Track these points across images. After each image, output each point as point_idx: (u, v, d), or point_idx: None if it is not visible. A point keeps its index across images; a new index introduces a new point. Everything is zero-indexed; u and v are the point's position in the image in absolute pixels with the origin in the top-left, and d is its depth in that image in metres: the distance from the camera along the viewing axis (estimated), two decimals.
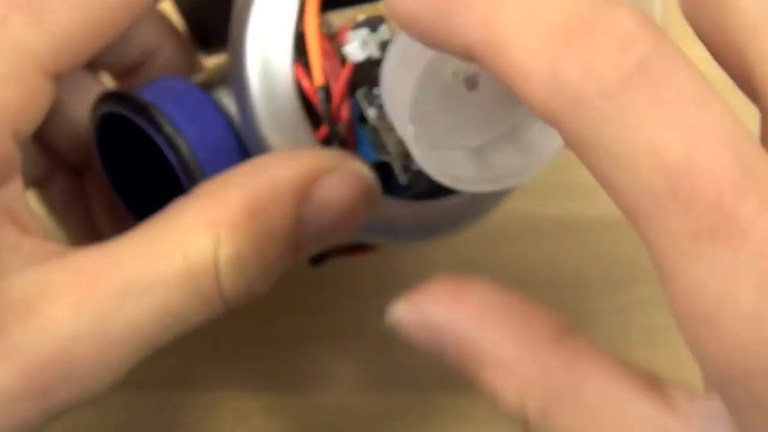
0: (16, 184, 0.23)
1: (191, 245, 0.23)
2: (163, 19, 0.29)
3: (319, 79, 0.24)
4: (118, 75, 0.29)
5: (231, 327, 0.32)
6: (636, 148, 0.17)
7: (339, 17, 0.25)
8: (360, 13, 0.25)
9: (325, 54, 0.24)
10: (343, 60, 0.25)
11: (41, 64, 0.22)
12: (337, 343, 0.35)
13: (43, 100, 0.23)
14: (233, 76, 0.25)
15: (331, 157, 0.25)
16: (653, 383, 0.20)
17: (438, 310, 0.22)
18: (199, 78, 0.28)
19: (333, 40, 0.25)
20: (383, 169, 0.25)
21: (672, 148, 0.16)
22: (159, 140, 0.25)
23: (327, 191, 0.24)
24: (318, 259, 0.27)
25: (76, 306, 0.22)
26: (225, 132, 0.26)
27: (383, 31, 0.24)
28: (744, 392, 0.17)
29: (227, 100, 0.26)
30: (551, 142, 0.23)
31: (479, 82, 0.23)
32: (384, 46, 0.24)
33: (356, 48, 0.24)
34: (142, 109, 0.25)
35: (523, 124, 0.24)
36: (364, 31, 0.24)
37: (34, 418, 0.22)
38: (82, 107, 0.28)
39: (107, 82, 0.30)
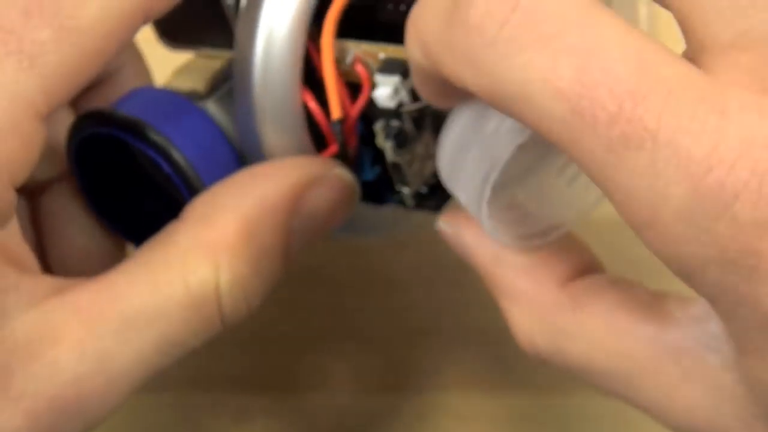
0: (12, 224, 0.23)
1: (191, 273, 0.23)
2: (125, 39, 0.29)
3: (336, 112, 0.25)
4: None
5: (231, 327, 0.32)
6: (532, 84, 0.17)
7: (354, 46, 0.25)
8: (381, 51, 0.25)
9: (339, 84, 0.25)
10: (349, 82, 0.25)
11: (35, 108, 0.22)
12: (337, 343, 0.35)
13: (38, 142, 0.23)
14: (239, 92, 0.25)
15: (316, 165, 0.25)
16: (652, 304, 0.21)
17: (468, 234, 0.23)
18: (183, 85, 0.27)
19: (341, 62, 0.25)
20: (377, 183, 0.26)
21: (563, 75, 0.17)
22: (153, 155, 0.25)
23: (315, 201, 0.25)
24: None
25: (78, 346, 0.22)
26: (217, 140, 0.26)
27: (411, 79, 0.24)
28: (705, 282, 0.17)
29: (215, 111, 0.26)
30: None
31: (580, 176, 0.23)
32: (414, 93, 0.24)
33: (388, 95, 0.24)
34: (131, 126, 0.25)
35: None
36: (396, 78, 0.24)
37: None
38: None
39: None
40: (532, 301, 0.22)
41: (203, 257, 0.23)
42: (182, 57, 0.29)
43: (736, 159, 0.16)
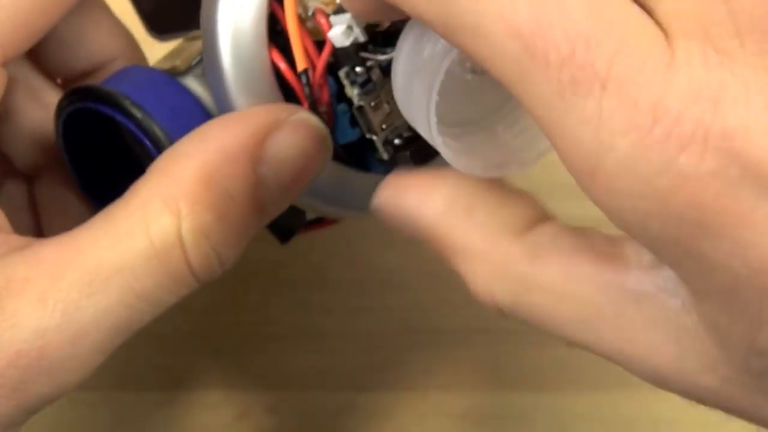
0: None
1: (152, 223, 0.23)
2: (121, 29, 0.29)
3: (301, 64, 0.25)
4: (71, 82, 0.29)
5: (231, 326, 0.32)
6: (486, 18, 0.17)
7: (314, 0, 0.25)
8: None
9: (304, 38, 0.25)
10: (318, 41, 0.25)
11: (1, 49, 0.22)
12: (337, 341, 0.35)
13: (3, 83, 0.23)
14: (208, 62, 0.25)
15: (277, 110, 0.25)
16: (610, 249, 0.20)
17: (410, 197, 0.22)
18: (165, 65, 0.27)
19: (307, 20, 0.25)
20: (359, 147, 0.26)
21: (520, 11, 0.17)
22: (132, 126, 0.25)
23: (280, 147, 0.24)
24: (286, 236, 0.27)
25: (41, 299, 0.22)
26: (197, 114, 0.26)
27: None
28: (647, 236, 0.17)
29: (196, 87, 0.26)
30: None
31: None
32: (369, 29, 0.24)
33: (341, 34, 0.24)
34: (112, 99, 0.25)
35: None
36: (347, 16, 0.24)
37: (9, 414, 0.22)
38: (36, 113, 0.28)
39: None
40: (488, 256, 0.21)
41: (163, 206, 0.23)
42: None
43: (682, 111, 0.16)
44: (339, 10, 0.24)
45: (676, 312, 0.19)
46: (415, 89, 0.21)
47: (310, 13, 0.25)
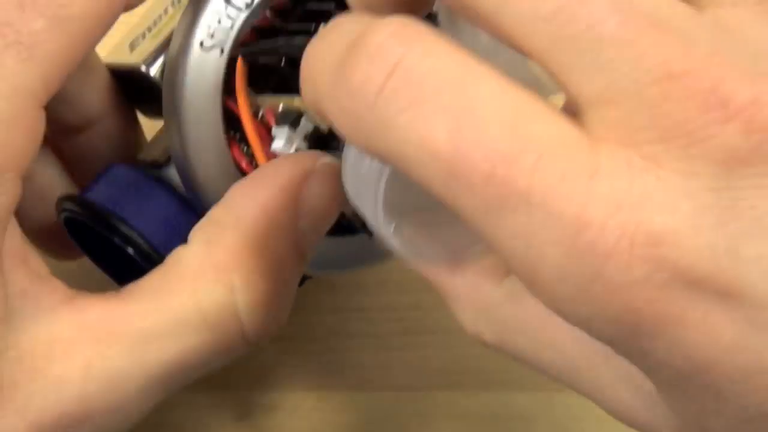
0: (23, 239, 0.24)
1: (204, 298, 0.23)
2: (112, 90, 0.29)
3: (261, 160, 0.26)
4: (58, 133, 0.29)
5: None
6: (411, 146, 0.17)
7: (262, 100, 0.27)
8: (280, 103, 0.27)
9: (260, 136, 0.26)
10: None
11: (37, 98, 0.23)
12: (337, 341, 0.35)
13: (40, 130, 0.23)
14: (174, 159, 0.27)
15: (303, 161, 0.25)
16: None
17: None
18: (149, 155, 0.28)
19: (261, 119, 0.27)
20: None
21: (438, 138, 0.17)
22: (118, 242, 0.26)
23: (315, 199, 0.25)
24: (302, 281, 0.28)
25: (86, 366, 0.22)
26: (182, 213, 0.27)
27: (304, 125, 0.27)
28: (593, 333, 0.17)
29: (174, 175, 0.27)
30: None
31: None
32: (309, 138, 0.26)
33: (283, 145, 0.26)
34: (98, 215, 0.27)
35: None
36: (285, 129, 0.26)
37: None
38: None
39: None
40: (472, 299, 0.22)
41: (215, 280, 0.24)
42: None
43: (605, 220, 0.16)
44: (280, 121, 0.26)
45: (640, 376, 0.19)
46: (363, 200, 0.22)
47: (260, 116, 0.27)
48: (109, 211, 0.26)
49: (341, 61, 0.18)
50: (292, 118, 0.26)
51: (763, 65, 0.16)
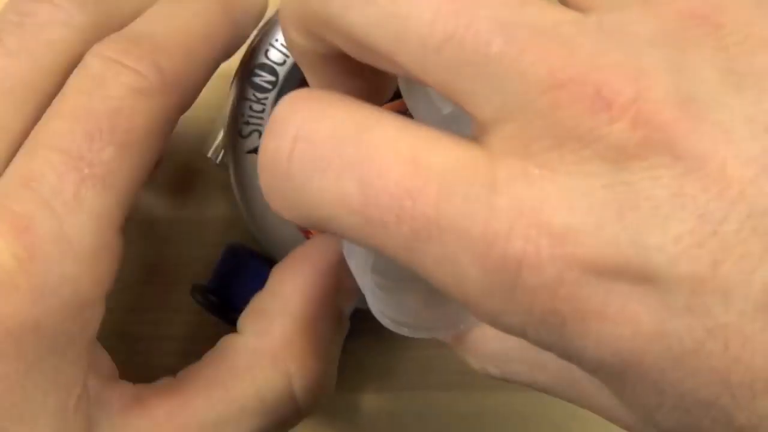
0: (97, 345, 0.25)
1: (263, 384, 0.25)
2: None
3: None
4: None
5: (232, 329, 0.32)
6: (328, 207, 0.18)
7: None
8: None
9: None
10: None
11: (116, 224, 0.23)
12: None
13: (120, 253, 0.24)
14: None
15: (332, 244, 0.27)
16: None
17: None
18: None
19: None
20: None
21: (349, 192, 0.18)
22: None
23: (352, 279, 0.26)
24: None
25: None
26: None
27: None
28: (531, 340, 0.18)
29: None
30: None
31: None
32: None
33: None
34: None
35: None
36: None
37: None
38: None
39: None
40: (470, 338, 0.23)
41: (272, 369, 0.25)
42: None
43: (509, 230, 0.17)
44: None
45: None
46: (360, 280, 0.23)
47: None
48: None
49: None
50: None
51: (646, 61, 0.17)
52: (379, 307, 0.23)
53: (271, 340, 0.26)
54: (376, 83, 0.22)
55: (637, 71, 0.17)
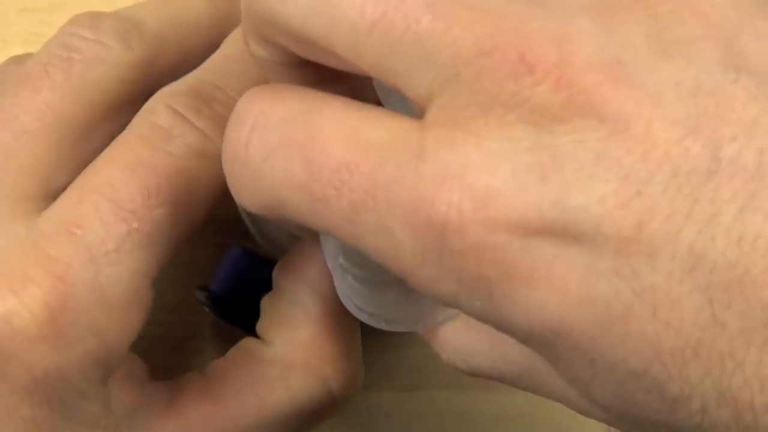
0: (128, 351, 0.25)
1: (299, 391, 0.26)
2: None
3: None
4: None
5: (233, 331, 0.32)
6: (280, 187, 0.19)
7: None
8: None
9: None
10: None
11: (150, 278, 0.23)
12: None
13: (149, 303, 0.24)
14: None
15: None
16: None
17: None
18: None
19: None
20: None
21: (296, 171, 0.18)
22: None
23: None
24: None
25: None
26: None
27: None
28: (464, 310, 0.18)
29: None
30: None
31: None
32: None
33: None
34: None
35: None
36: None
37: None
38: None
39: None
40: (439, 335, 0.24)
41: (308, 377, 0.26)
42: None
43: (434, 195, 0.17)
44: None
45: None
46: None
47: None
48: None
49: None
50: None
51: (572, 26, 0.17)
52: (355, 301, 0.23)
53: (300, 348, 0.26)
54: (344, 90, 0.22)
55: (562, 36, 0.17)
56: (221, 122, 0.23)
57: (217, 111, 0.24)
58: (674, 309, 0.16)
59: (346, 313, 0.26)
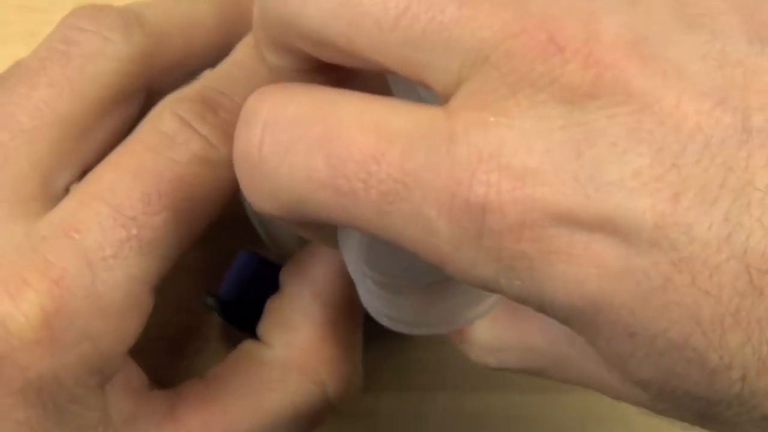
0: (126, 359, 0.25)
1: (296, 395, 0.25)
2: None
3: None
4: None
5: (233, 332, 0.32)
6: (300, 186, 0.18)
7: None
8: None
9: None
10: None
11: (149, 286, 0.23)
12: None
13: (148, 310, 0.24)
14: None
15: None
16: None
17: None
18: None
19: None
20: None
21: (318, 166, 0.18)
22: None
23: None
24: None
25: None
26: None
27: None
28: (504, 292, 0.18)
29: None
30: None
31: None
32: None
33: None
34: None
35: None
36: None
37: None
38: None
39: None
40: (474, 344, 0.24)
41: (304, 380, 0.26)
42: None
43: (470, 177, 0.17)
44: None
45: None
46: (348, 240, 0.23)
47: None
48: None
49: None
50: None
51: (597, 4, 0.17)
52: (376, 304, 0.23)
53: (299, 351, 0.26)
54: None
55: (588, 15, 0.17)
56: (227, 129, 0.23)
57: (223, 118, 0.24)
58: (712, 277, 0.16)
59: (347, 318, 0.26)
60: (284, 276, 0.27)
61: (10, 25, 0.34)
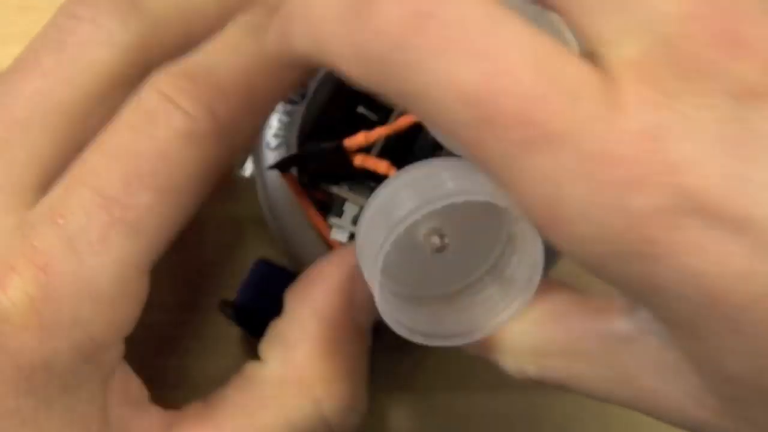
0: (123, 365, 0.24)
1: (292, 411, 0.25)
2: None
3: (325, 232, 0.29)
4: None
5: (233, 333, 0.32)
6: (440, 88, 0.17)
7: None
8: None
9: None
10: None
11: (141, 269, 0.23)
12: None
13: (143, 295, 0.23)
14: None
15: (346, 257, 0.26)
16: (586, 302, 0.22)
17: None
18: None
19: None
20: None
21: (469, 80, 0.17)
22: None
23: (365, 292, 0.25)
24: None
25: None
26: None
27: (349, 209, 0.28)
28: (610, 275, 0.18)
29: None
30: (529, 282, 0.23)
31: (448, 244, 0.23)
32: (355, 219, 0.28)
33: (339, 233, 0.28)
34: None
35: (493, 272, 0.24)
36: (335, 219, 0.28)
37: None
38: None
39: None
40: (511, 349, 0.23)
41: (299, 395, 0.25)
42: None
43: (627, 153, 0.17)
44: (331, 215, 0.29)
45: (657, 349, 0.19)
46: (368, 244, 0.22)
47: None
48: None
49: (357, 2, 0.18)
50: (339, 207, 0.28)
51: None
52: (393, 315, 0.23)
53: (294, 367, 0.25)
54: None
55: None
56: (207, 101, 0.22)
57: (203, 89, 0.22)
58: None
59: (348, 339, 0.25)
60: (287, 296, 0.26)
61: (10, 25, 0.34)
